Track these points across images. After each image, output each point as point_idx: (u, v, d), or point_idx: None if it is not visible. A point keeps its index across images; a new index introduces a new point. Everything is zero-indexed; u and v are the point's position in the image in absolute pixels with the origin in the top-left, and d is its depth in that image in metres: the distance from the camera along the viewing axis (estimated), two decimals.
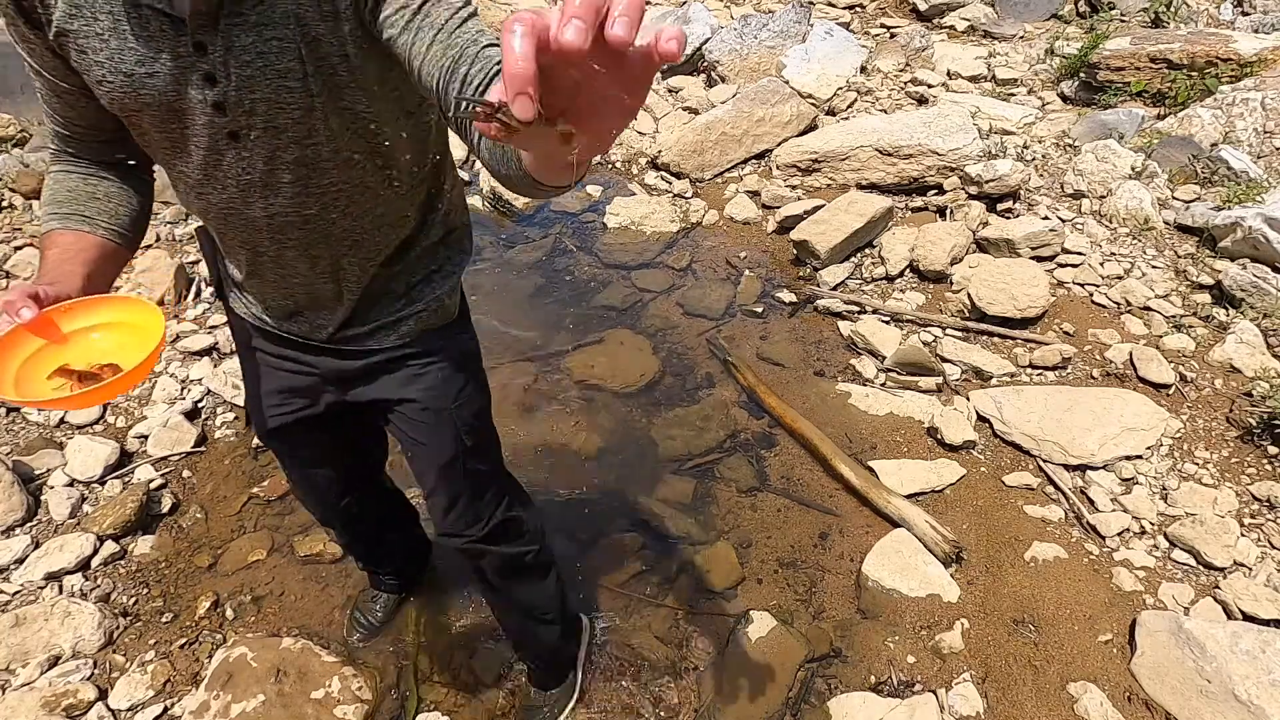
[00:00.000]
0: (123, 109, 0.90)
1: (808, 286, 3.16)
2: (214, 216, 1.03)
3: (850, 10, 5.73)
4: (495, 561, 1.45)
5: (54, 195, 1.02)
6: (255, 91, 0.86)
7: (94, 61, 0.86)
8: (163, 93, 0.86)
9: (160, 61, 0.84)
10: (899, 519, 2.16)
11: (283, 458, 1.49)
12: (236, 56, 0.84)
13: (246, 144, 0.91)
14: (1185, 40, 4.02)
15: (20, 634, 1.80)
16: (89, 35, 0.84)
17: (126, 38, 0.83)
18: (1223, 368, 2.56)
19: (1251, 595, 1.92)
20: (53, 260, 0.97)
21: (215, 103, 0.87)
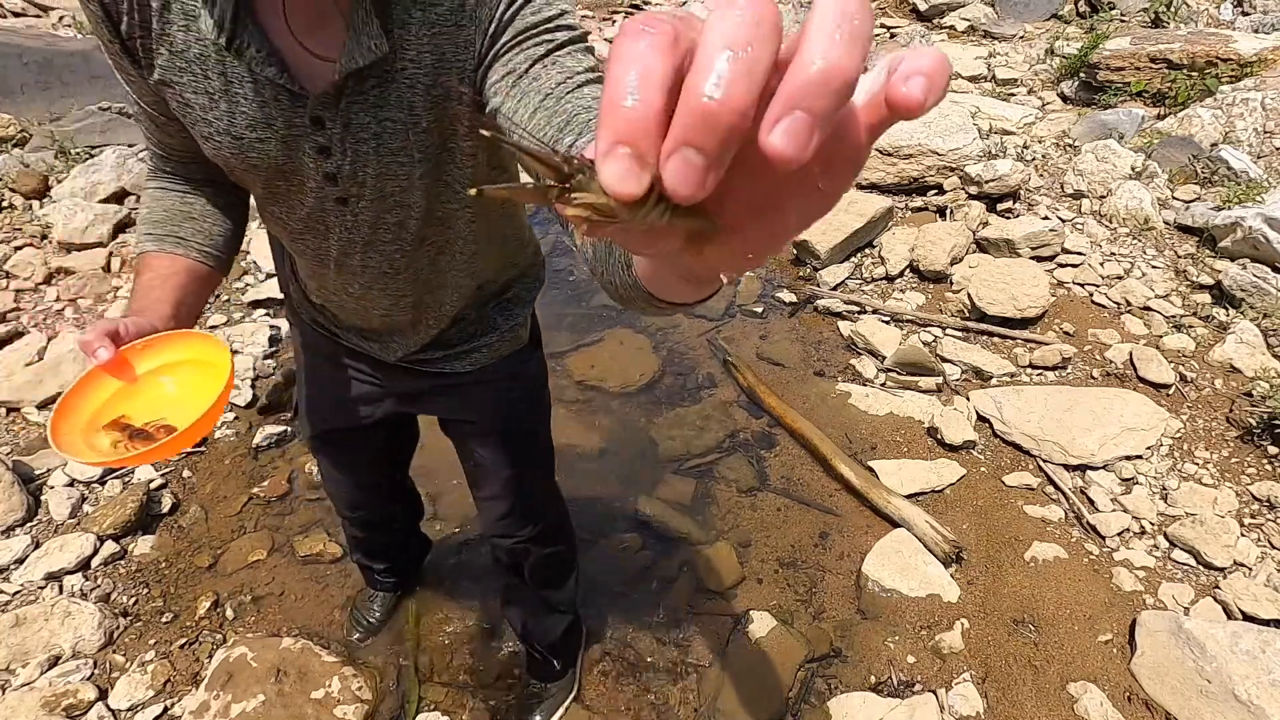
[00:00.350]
0: (226, 165, 0.88)
1: (808, 286, 3.16)
2: (304, 254, 1.02)
3: None
4: (537, 559, 1.53)
5: (150, 214, 1.00)
6: (368, 167, 0.85)
7: (200, 118, 0.83)
8: (273, 157, 0.85)
9: (274, 129, 0.82)
10: (899, 519, 2.16)
11: (325, 456, 1.50)
12: (353, 134, 0.83)
13: (354, 209, 0.91)
14: (1185, 40, 4.02)
15: (20, 634, 1.80)
16: (197, 92, 0.81)
17: (239, 102, 0.80)
18: (1223, 368, 2.56)
19: (1251, 595, 1.92)
20: (143, 286, 0.95)
21: (328, 174, 0.86)
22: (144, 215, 1.01)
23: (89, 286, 2.86)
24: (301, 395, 1.39)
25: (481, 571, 2.11)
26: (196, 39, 0.77)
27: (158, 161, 1.01)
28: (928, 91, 0.24)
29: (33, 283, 2.84)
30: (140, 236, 0.99)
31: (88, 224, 3.00)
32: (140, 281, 0.96)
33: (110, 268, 2.96)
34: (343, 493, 1.61)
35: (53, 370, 2.46)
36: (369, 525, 1.76)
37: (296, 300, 1.22)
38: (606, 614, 1.98)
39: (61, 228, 2.98)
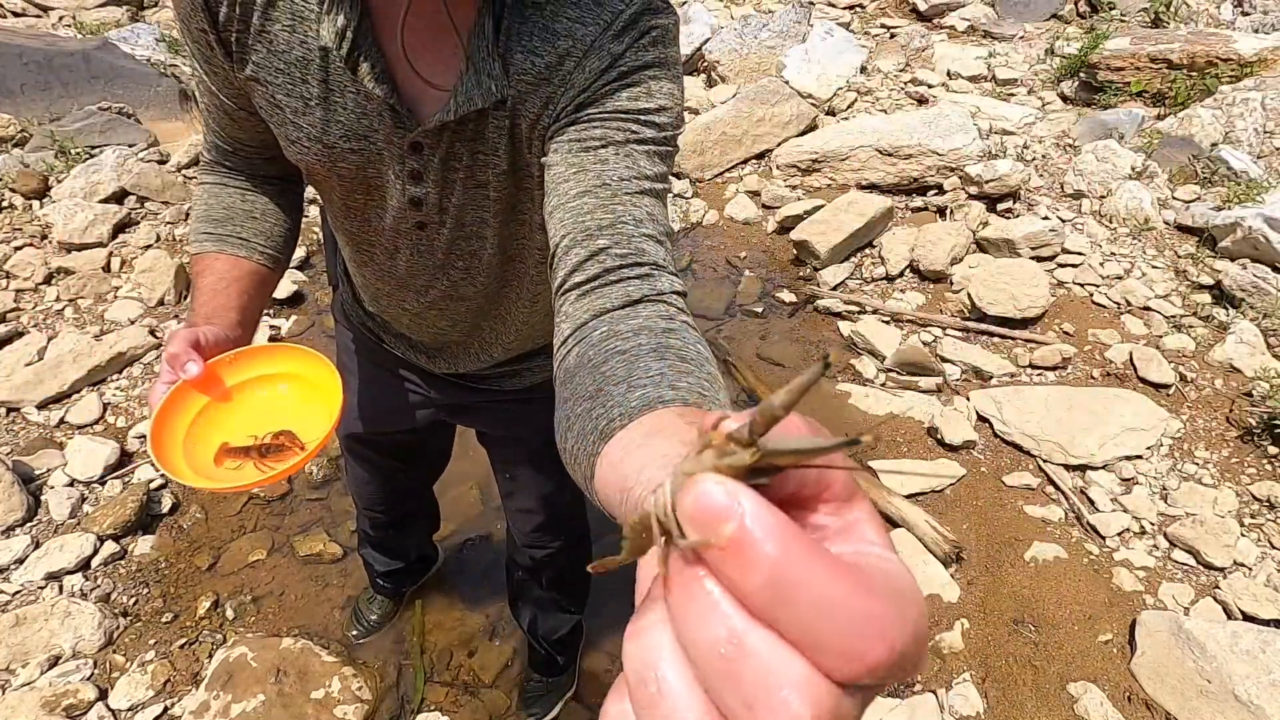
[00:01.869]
0: (309, 171, 0.86)
1: (808, 286, 3.16)
2: (366, 264, 1.00)
3: (850, 10, 5.73)
4: (561, 567, 1.56)
5: (209, 212, 0.96)
6: (453, 196, 0.85)
7: (290, 121, 0.80)
8: (361, 169, 0.83)
9: (369, 144, 0.80)
10: (899, 519, 2.16)
11: (355, 457, 1.49)
12: (448, 164, 0.82)
13: (430, 234, 0.90)
14: (1185, 40, 4.02)
15: (20, 634, 1.80)
16: (291, 95, 0.78)
17: (336, 112, 0.78)
18: (1223, 368, 2.56)
19: (1251, 595, 1.92)
20: (207, 290, 0.92)
21: (414, 198, 0.85)
22: (201, 212, 0.96)
23: (89, 286, 2.86)
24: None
25: (482, 571, 2.11)
26: (301, 42, 0.75)
27: (218, 154, 0.96)
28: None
29: (33, 283, 2.84)
30: (198, 234, 0.95)
31: (88, 224, 3.00)
32: (203, 284, 0.92)
33: (110, 268, 2.96)
34: (365, 492, 1.62)
35: (53, 370, 2.46)
36: (387, 526, 1.77)
37: (346, 302, 1.21)
38: (606, 614, 1.98)
39: (61, 228, 2.98)
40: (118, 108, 3.75)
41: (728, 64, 4.54)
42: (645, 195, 0.67)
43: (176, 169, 3.48)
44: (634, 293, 0.61)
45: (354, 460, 1.51)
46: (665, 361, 0.52)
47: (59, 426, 2.38)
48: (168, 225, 3.19)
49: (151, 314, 2.81)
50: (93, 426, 2.39)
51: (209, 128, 0.93)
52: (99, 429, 2.39)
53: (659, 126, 0.72)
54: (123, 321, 2.76)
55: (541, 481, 1.35)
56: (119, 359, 2.57)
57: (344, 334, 1.28)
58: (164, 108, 3.94)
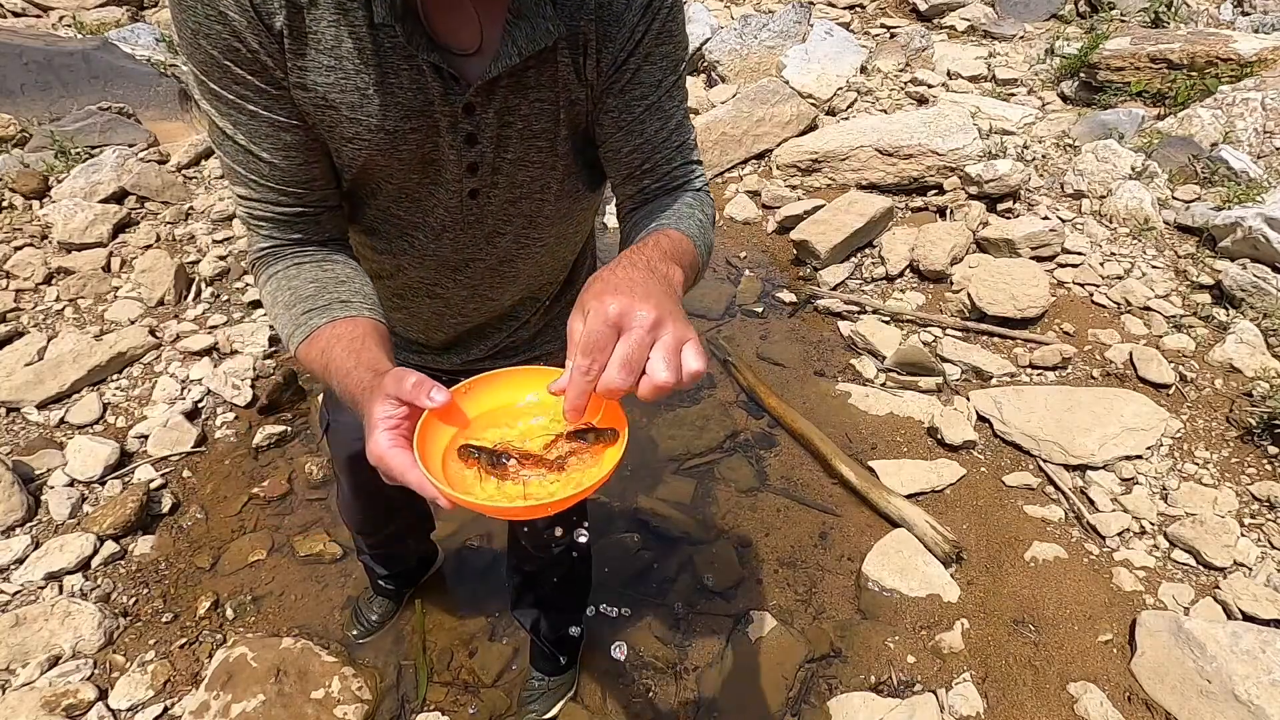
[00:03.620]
0: (368, 164, 0.84)
1: (808, 286, 3.16)
2: (406, 259, 0.98)
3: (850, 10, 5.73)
4: (567, 570, 1.58)
5: (296, 294, 0.83)
6: (509, 152, 0.86)
7: (347, 118, 0.80)
8: (420, 146, 0.83)
9: (426, 116, 0.81)
10: (899, 519, 2.16)
11: (349, 479, 1.46)
12: (502, 118, 0.83)
13: (484, 202, 0.91)
14: (1185, 40, 4.02)
15: (20, 634, 1.80)
16: (345, 90, 0.78)
17: (394, 93, 0.79)
18: (1223, 368, 2.56)
19: (1251, 595, 1.92)
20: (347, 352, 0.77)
21: (470, 164, 0.86)
22: (288, 300, 0.83)
23: (89, 286, 2.86)
24: (331, 418, 1.34)
25: (482, 571, 2.11)
26: (351, 33, 0.75)
27: (279, 232, 0.86)
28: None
29: (33, 283, 2.84)
30: (296, 320, 0.82)
31: (88, 224, 3.00)
32: (339, 351, 0.78)
33: (110, 268, 2.96)
34: (356, 518, 1.62)
35: (53, 370, 2.46)
36: (380, 544, 1.79)
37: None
38: (606, 614, 1.98)
39: (61, 228, 2.98)
40: (118, 108, 3.75)
41: (728, 64, 4.54)
42: (673, 135, 0.90)
43: (176, 169, 3.48)
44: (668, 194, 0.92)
45: (346, 483, 1.48)
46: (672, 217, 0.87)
47: (59, 426, 2.38)
48: (168, 225, 3.19)
49: (151, 314, 2.81)
50: (93, 426, 2.39)
51: (265, 203, 0.84)
52: (99, 429, 2.39)
53: (680, 61, 0.88)
54: (123, 321, 2.76)
55: None
56: (119, 359, 2.57)
57: None
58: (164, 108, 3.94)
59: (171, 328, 2.76)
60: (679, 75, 0.89)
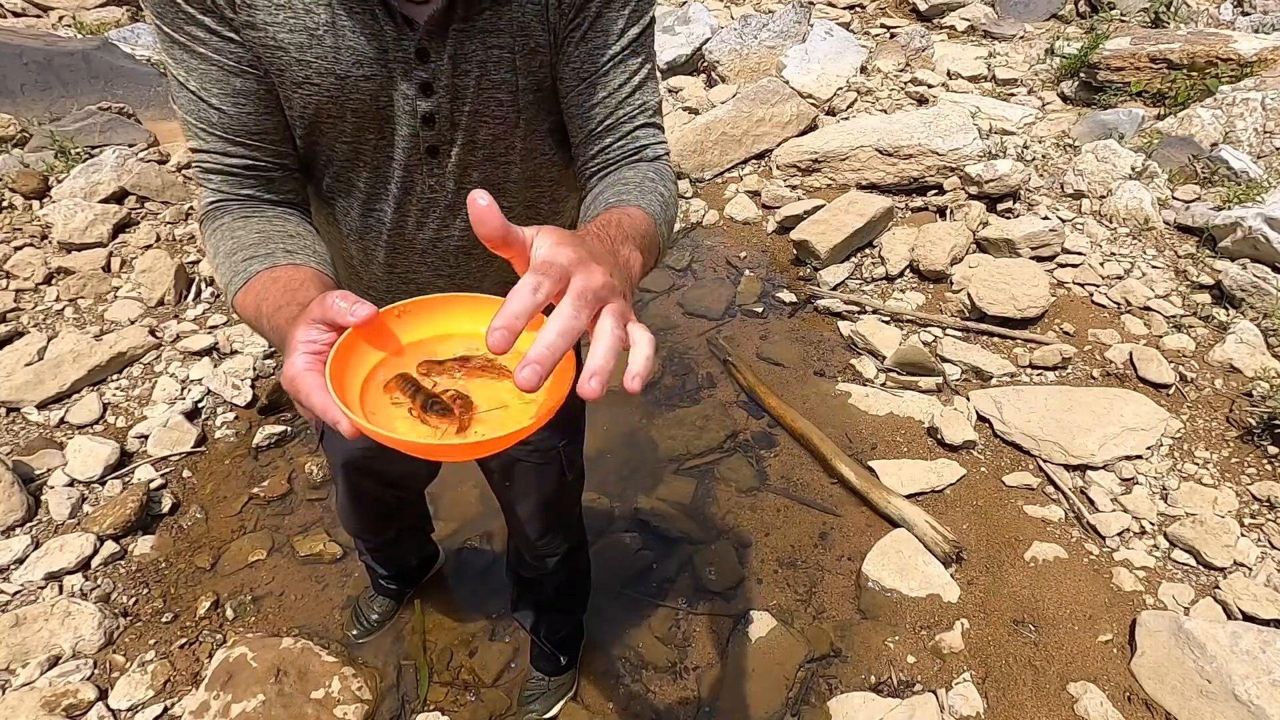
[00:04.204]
0: (319, 114, 0.82)
1: (808, 286, 3.16)
2: (371, 237, 0.96)
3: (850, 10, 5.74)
4: (564, 573, 1.57)
5: (239, 243, 0.79)
6: (466, 104, 0.83)
7: (297, 60, 0.78)
8: (374, 98, 0.81)
9: (379, 64, 0.79)
10: (899, 519, 2.16)
11: (346, 485, 1.46)
12: (458, 65, 0.81)
13: (443, 161, 0.88)
14: (1185, 40, 4.02)
15: (20, 634, 1.80)
16: (295, 30, 0.77)
17: (345, 35, 0.77)
18: (1223, 368, 2.56)
19: (1251, 595, 1.92)
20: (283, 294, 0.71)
21: (426, 115, 0.83)
22: (230, 247, 0.79)
23: (89, 286, 2.86)
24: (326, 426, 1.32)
25: (482, 571, 2.11)
26: None
27: (229, 187, 0.83)
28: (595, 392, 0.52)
29: (33, 283, 2.84)
30: (237, 267, 0.77)
31: (88, 224, 3.00)
32: (274, 292, 0.72)
33: (110, 268, 2.96)
34: (354, 524, 1.62)
35: (53, 370, 2.46)
36: (380, 547, 1.80)
37: None
38: (606, 614, 1.98)
39: (61, 228, 2.98)
40: (118, 108, 3.75)
41: (728, 64, 4.54)
42: (636, 92, 0.87)
43: (176, 169, 3.48)
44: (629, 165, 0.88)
45: (343, 489, 1.47)
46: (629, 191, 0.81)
47: (59, 426, 2.38)
48: (168, 225, 3.19)
49: (151, 314, 2.81)
50: (93, 426, 2.39)
51: (216, 154, 0.82)
52: (99, 429, 2.39)
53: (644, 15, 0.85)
54: (123, 321, 2.76)
55: (540, 482, 1.34)
56: (119, 359, 2.57)
57: None
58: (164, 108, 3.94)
59: (171, 328, 2.76)
60: (644, 30, 0.86)
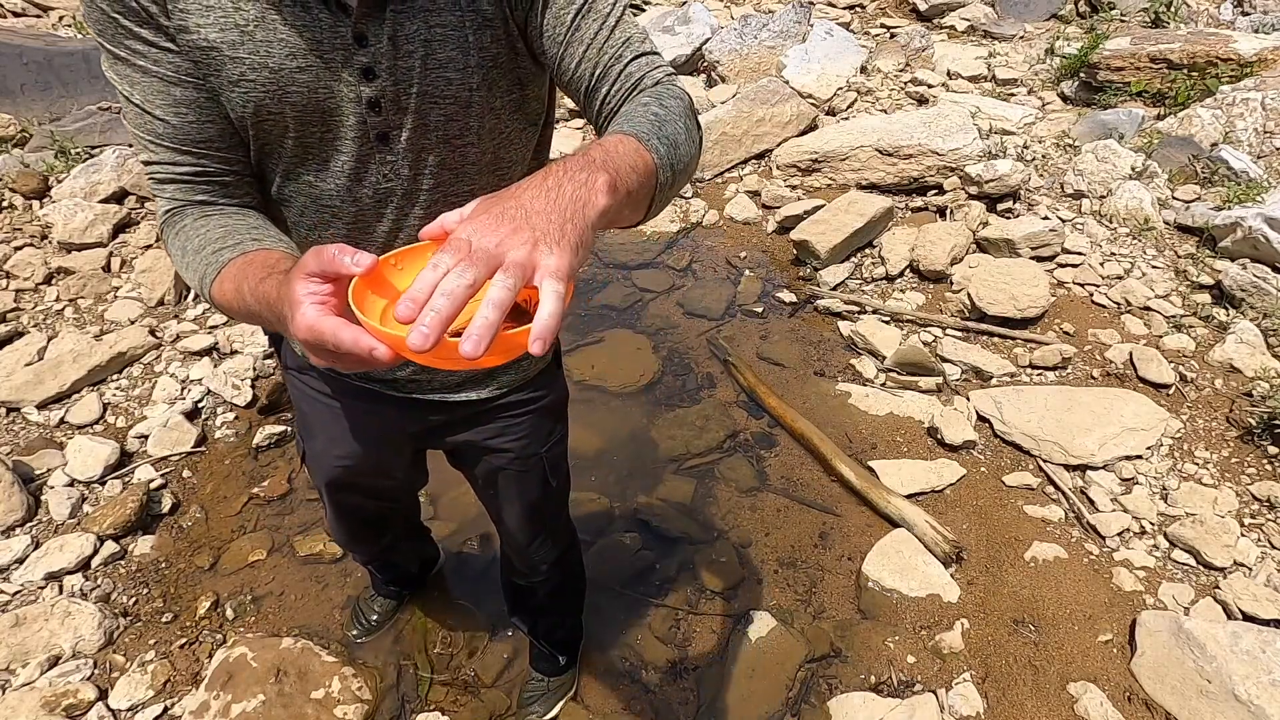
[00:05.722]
0: (259, 111, 0.81)
1: (808, 286, 3.16)
2: (329, 236, 0.93)
3: (850, 10, 5.73)
4: (556, 580, 1.57)
5: (205, 238, 0.81)
6: (413, 85, 0.81)
7: (230, 58, 0.77)
8: (313, 90, 0.80)
9: (314, 55, 0.78)
10: (899, 519, 2.16)
11: (338, 505, 1.44)
12: (399, 46, 0.79)
13: (395, 146, 0.86)
14: (1185, 40, 4.02)
15: (20, 634, 1.80)
16: (225, 28, 0.76)
17: (276, 28, 0.76)
18: (1223, 368, 2.56)
19: (1251, 595, 1.92)
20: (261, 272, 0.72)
21: (370, 100, 0.81)
22: (197, 244, 0.81)
23: (89, 286, 2.86)
24: (305, 445, 1.31)
25: (482, 571, 2.11)
26: None
27: (182, 194, 0.85)
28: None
29: (33, 283, 2.84)
30: (208, 260, 0.79)
31: (88, 224, 3.00)
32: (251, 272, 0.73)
33: (110, 267, 2.96)
34: (346, 537, 1.61)
35: (53, 370, 2.46)
36: (374, 558, 1.80)
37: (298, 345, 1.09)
38: (606, 614, 1.98)
39: (61, 228, 2.98)
40: (118, 108, 3.75)
41: (728, 64, 4.54)
42: (615, 30, 0.84)
43: None
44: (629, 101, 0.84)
45: (335, 507, 1.45)
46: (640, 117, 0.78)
47: (59, 426, 2.38)
48: None
49: (151, 314, 2.81)
50: (93, 426, 2.39)
51: (165, 164, 0.83)
52: (99, 429, 2.39)
53: None
54: (123, 321, 2.76)
55: (525, 489, 1.32)
56: (119, 359, 2.57)
57: (308, 383, 1.19)
58: None
59: (171, 328, 2.76)
60: None
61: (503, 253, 0.54)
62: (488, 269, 0.53)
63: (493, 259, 0.53)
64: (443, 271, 0.52)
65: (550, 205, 0.58)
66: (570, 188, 0.61)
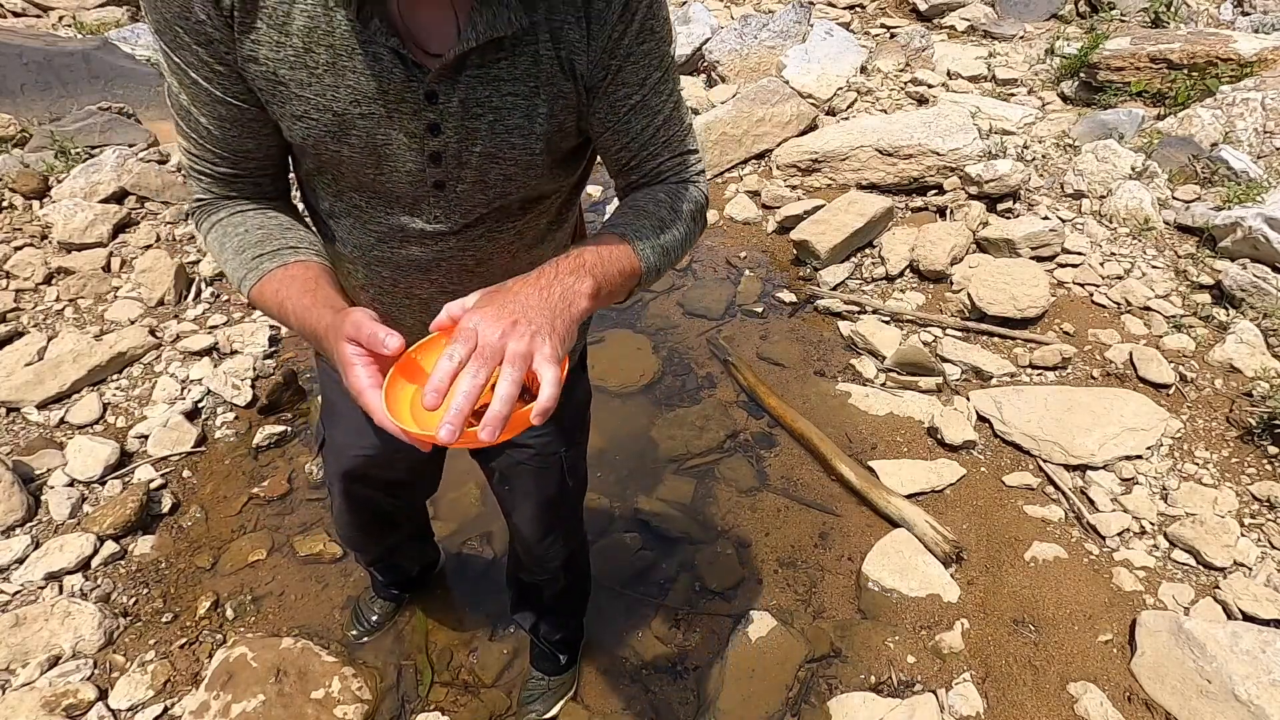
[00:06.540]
0: (317, 146, 0.84)
1: (808, 286, 3.16)
2: (372, 256, 0.97)
3: (850, 10, 5.74)
4: (564, 580, 1.57)
5: (244, 241, 0.87)
6: (477, 145, 0.84)
7: (296, 95, 0.79)
8: (373, 135, 0.82)
9: (381, 104, 0.79)
10: (899, 519, 2.16)
11: (350, 497, 1.45)
12: (469, 109, 0.81)
13: (449, 194, 0.88)
14: (1185, 40, 4.02)
15: (20, 634, 1.80)
16: (295, 67, 0.77)
17: (345, 75, 0.78)
18: (1223, 368, 2.56)
19: (1251, 595, 1.92)
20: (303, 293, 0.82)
21: (433, 153, 0.84)
22: (237, 245, 0.87)
23: (89, 286, 2.86)
24: (327, 433, 1.34)
25: (482, 571, 2.11)
26: (303, 10, 0.75)
27: (216, 188, 0.90)
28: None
29: (33, 283, 2.84)
30: (248, 263, 0.86)
31: (88, 224, 3.00)
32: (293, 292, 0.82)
33: (110, 267, 2.96)
34: (354, 533, 1.60)
35: (53, 370, 2.46)
36: (379, 559, 1.80)
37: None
38: (606, 614, 1.98)
39: (61, 228, 2.98)
40: (118, 108, 3.75)
41: (728, 64, 4.54)
42: (659, 132, 0.90)
43: (176, 169, 3.47)
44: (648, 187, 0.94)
45: (346, 500, 1.45)
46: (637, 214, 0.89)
47: (59, 426, 2.38)
48: (168, 225, 3.19)
49: (151, 314, 2.81)
50: (93, 426, 2.39)
51: (204, 160, 0.87)
52: (99, 429, 2.39)
53: (664, 56, 0.87)
54: (123, 321, 2.76)
55: (542, 485, 1.33)
56: (119, 359, 2.57)
57: (326, 373, 1.24)
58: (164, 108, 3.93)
59: (171, 328, 2.76)
60: (665, 71, 0.88)
61: (504, 344, 0.65)
62: (494, 361, 0.64)
63: (497, 352, 0.64)
64: (457, 363, 0.63)
65: (542, 302, 0.70)
66: (559, 289, 0.72)
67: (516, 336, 0.65)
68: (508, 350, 0.64)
